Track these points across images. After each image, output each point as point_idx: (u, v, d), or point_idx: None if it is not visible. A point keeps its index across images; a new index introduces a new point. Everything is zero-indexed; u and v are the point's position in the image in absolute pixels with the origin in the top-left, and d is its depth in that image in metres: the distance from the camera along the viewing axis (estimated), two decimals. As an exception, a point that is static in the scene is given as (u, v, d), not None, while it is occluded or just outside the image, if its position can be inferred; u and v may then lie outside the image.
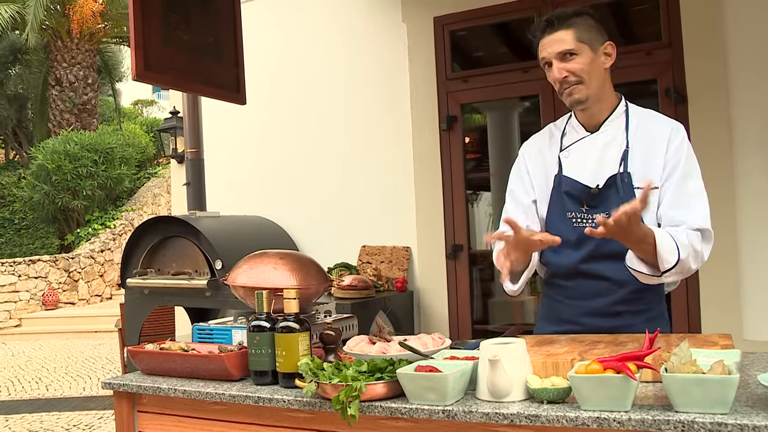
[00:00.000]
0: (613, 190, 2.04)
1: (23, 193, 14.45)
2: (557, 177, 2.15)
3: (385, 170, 4.73)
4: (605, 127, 2.12)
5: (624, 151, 2.06)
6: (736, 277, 3.67)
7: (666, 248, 1.89)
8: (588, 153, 2.12)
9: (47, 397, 7.03)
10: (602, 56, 2.08)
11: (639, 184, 2.02)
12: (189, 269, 4.39)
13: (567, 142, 2.18)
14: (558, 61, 2.06)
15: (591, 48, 2.05)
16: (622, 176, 2.04)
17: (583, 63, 2.04)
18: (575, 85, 2.06)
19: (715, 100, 3.77)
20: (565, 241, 2.11)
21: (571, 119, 2.21)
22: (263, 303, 1.93)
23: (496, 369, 1.53)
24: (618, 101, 2.15)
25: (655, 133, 2.07)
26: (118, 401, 2.10)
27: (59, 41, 15.69)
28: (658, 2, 3.96)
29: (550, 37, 2.07)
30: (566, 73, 2.05)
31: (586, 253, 2.08)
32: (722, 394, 1.34)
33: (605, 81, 2.11)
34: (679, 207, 2.00)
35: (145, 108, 25.57)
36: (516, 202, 2.25)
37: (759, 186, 3.68)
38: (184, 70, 3.28)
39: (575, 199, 2.10)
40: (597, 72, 2.07)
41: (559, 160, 2.16)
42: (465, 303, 4.51)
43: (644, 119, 2.12)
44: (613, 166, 2.06)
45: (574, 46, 2.04)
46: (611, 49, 2.09)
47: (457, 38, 4.70)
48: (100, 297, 13.63)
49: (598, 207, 2.06)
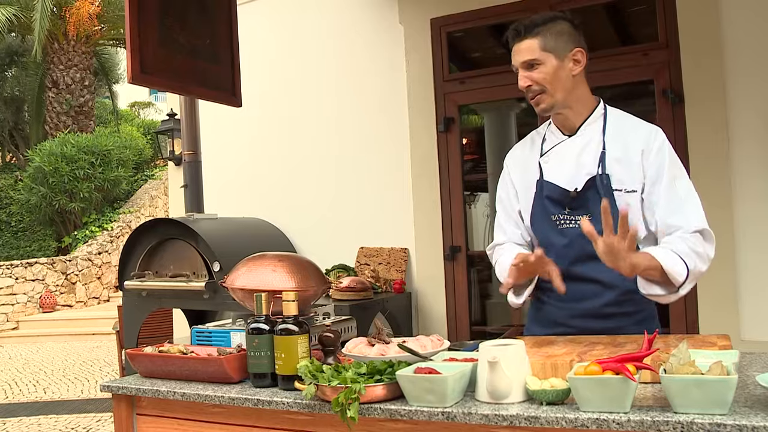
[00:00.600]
0: (593, 192, 2.07)
1: (20, 195, 14.43)
2: (539, 182, 2.18)
3: (382, 172, 4.74)
4: (582, 130, 2.14)
5: (601, 153, 2.08)
6: (733, 277, 3.67)
7: (671, 264, 1.90)
8: (566, 156, 2.14)
9: (45, 400, 7.02)
10: (570, 63, 2.08)
11: (617, 187, 2.04)
12: (187, 271, 4.38)
13: (546, 147, 2.21)
14: (523, 70, 2.10)
15: (557, 56, 2.07)
16: (600, 178, 2.06)
17: (546, 72, 2.06)
18: (539, 95, 2.09)
19: (712, 101, 3.78)
20: (553, 244, 2.12)
21: (550, 125, 2.24)
22: (262, 305, 1.93)
23: (495, 371, 1.54)
24: (596, 104, 2.16)
25: (631, 135, 2.09)
26: (117, 404, 2.10)
27: (56, 43, 15.68)
28: (655, 3, 3.97)
29: (517, 46, 2.11)
30: (530, 82, 2.09)
31: (574, 255, 2.09)
32: (721, 394, 1.35)
33: (576, 86, 2.11)
34: (673, 212, 2.01)
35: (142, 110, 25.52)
36: (507, 214, 2.29)
37: (756, 186, 3.69)
38: (181, 72, 3.28)
39: (557, 203, 2.13)
40: (562, 80, 2.08)
41: (540, 165, 2.19)
42: (463, 304, 4.51)
43: (621, 122, 2.13)
44: (591, 168, 2.08)
45: (537, 56, 2.06)
46: (581, 55, 2.10)
47: (454, 40, 4.71)
48: (97, 299, 13.62)
49: (579, 209, 2.09)
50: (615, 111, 2.17)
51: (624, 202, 2.03)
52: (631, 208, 2.03)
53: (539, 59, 2.06)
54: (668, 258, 1.90)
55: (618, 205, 2.03)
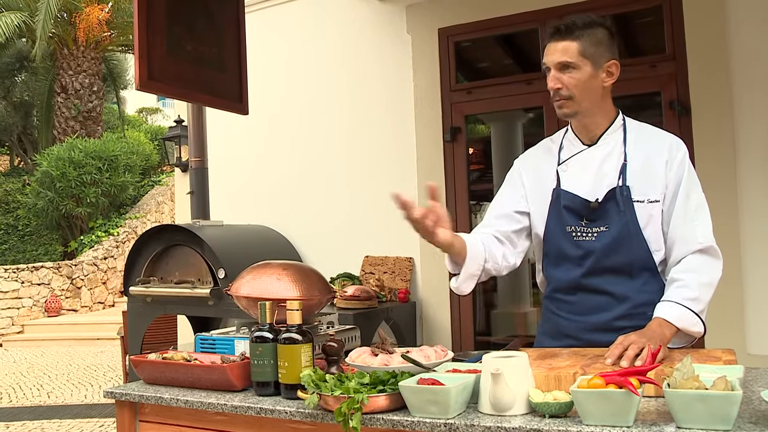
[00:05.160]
0: (612, 204, 2.05)
1: (27, 199, 14.49)
2: (555, 191, 2.14)
3: (388, 180, 4.74)
4: (603, 140, 2.11)
5: (622, 164, 2.06)
6: (739, 291, 3.66)
7: (687, 324, 1.93)
8: (586, 166, 2.11)
9: (48, 404, 7.03)
10: (604, 74, 2.06)
11: (638, 198, 2.03)
12: (192, 278, 4.39)
13: (565, 155, 2.17)
14: (556, 71, 2.05)
15: (593, 64, 2.03)
16: (621, 189, 2.04)
17: (579, 79, 2.02)
18: (565, 100, 2.05)
19: (719, 114, 3.77)
20: (567, 256, 2.11)
21: (567, 133, 2.21)
22: (266, 314, 1.93)
23: (498, 382, 1.53)
24: (616, 115, 2.14)
25: (654, 146, 2.07)
26: (120, 410, 2.10)
27: (65, 49, 15.77)
28: (662, 15, 3.97)
29: (555, 45, 2.06)
30: (560, 85, 2.04)
31: (587, 267, 2.07)
32: (725, 410, 1.34)
33: (603, 97, 2.09)
34: (682, 227, 2.01)
35: (150, 116, 25.65)
36: (496, 215, 2.22)
37: (762, 200, 3.67)
38: (188, 80, 3.29)
39: (575, 213, 2.10)
40: (593, 89, 2.05)
41: (557, 174, 2.16)
42: (468, 314, 4.50)
43: (642, 133, 2.12)
44: (611, 180, 2.06)
45: (575, 60, 2.02)
46: (615, 68, 2.07)
47: (462, 50, 4.71)
48: (102, 304, 13.64)
49: (597, 221, 2.06)
50: (633, 122, 2.15)
51: (647, 214, 2.02)
52: (653, 218, 2.02)
53: (575, 64, 2.02)
54: (678, 316, 1.92)
55: (639, 216, 2.02)
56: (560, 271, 2.13)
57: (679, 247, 2.01)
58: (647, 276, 2.06)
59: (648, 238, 2.03)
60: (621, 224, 2.03)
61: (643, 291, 2.04)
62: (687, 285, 1.95)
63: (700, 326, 1.95)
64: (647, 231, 2.03)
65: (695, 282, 1.95)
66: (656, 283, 2.06)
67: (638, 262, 2.04)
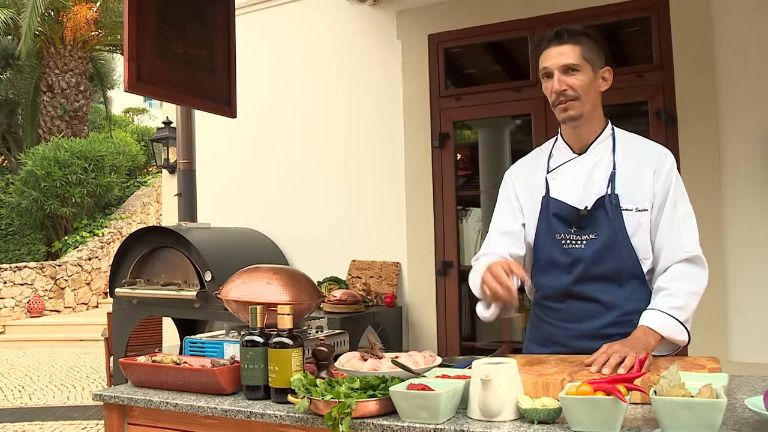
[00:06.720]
0: (601, 212, 2.07)
1: (11, 198, 14.37)
2: (545, 198, 2.17)
3: (376, 185, 4.75)
4: (593, 149, 2.15)
5: (611, 172, 2.09)
6: (723, 298, 3.70)
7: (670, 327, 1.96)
8: (576, 174, 2.14)
9: (30, 406, 6.97)
10: (600, 79, 2.12)
11: (627, 206, 2.06)
12: (178, 280, 4.37)
13: (554, 163, 2.20)
14: (560, 74, 2.08)
15: (593, 68, 2.09)
16: (610, 198, 2.07)
17: (583, 81, 2.07)
18: (572, 101, 2.08)
19: (705, 123, 3.82)
20: (556, 263, 2.13)
21: (557, 142, 2.24)
22: (257, 318, 1.94)
23: (487, 389, 1.55)
24: (605, 124, 2.18)
25: (642, 156, 2.11)
26: (108, 413, 2.10)
27: (52, 48, 15.67)
28: (650, 25, 4.02)
29: (556, 49, 2.09)
30: (566, 86, 2.07)
31: (577, 275, 2.10)
32: (710, 417, 1.36)
33: (597, 103, 2.15)
34: (670, 233, 2.05)
35: (136, 116, 25.53)
36: (501, 231, 2.24)
37: (746, 208, 3.72)
38: (177, 82, 3.29)
39: (564, 221, 2.12)
40: (593, 93, 2.11)
41: (547, 182, 2.18)
42: (453, 319, 4.52)
43: (631, 142, 2.16)
44: (600, 188, 2.09)
45: (578, 62, 2.07)
46: (609, 75, 2.14)
47: (451, 56, 4.74)
48: (86, 305, 13.54)
49: (586, 228, 2.09)
50: (622, 131, 2.19)
51: (635, 222, 2.05)
52: (642, 227, 2.05)
53: (580, 66, 2.07)
54: (662, 324, 1.95)
55: (627, 225, 2.05)
56: (549, 279, 2.16)
57: (666, 256, 2.04)
58: (635, 284, 2.08)
59: (636, 247, 2.06)
60: (610, 232, 2.05)
61: (632, 299, 2.07)
62: (673, 294, 1.98)
63: (684, 335, 1.98)
64: (635, 239, 2.06)
65: (681, 291, 1.98)
66: (644, 291, 2.09)
67: (627, 270, 2.07)
